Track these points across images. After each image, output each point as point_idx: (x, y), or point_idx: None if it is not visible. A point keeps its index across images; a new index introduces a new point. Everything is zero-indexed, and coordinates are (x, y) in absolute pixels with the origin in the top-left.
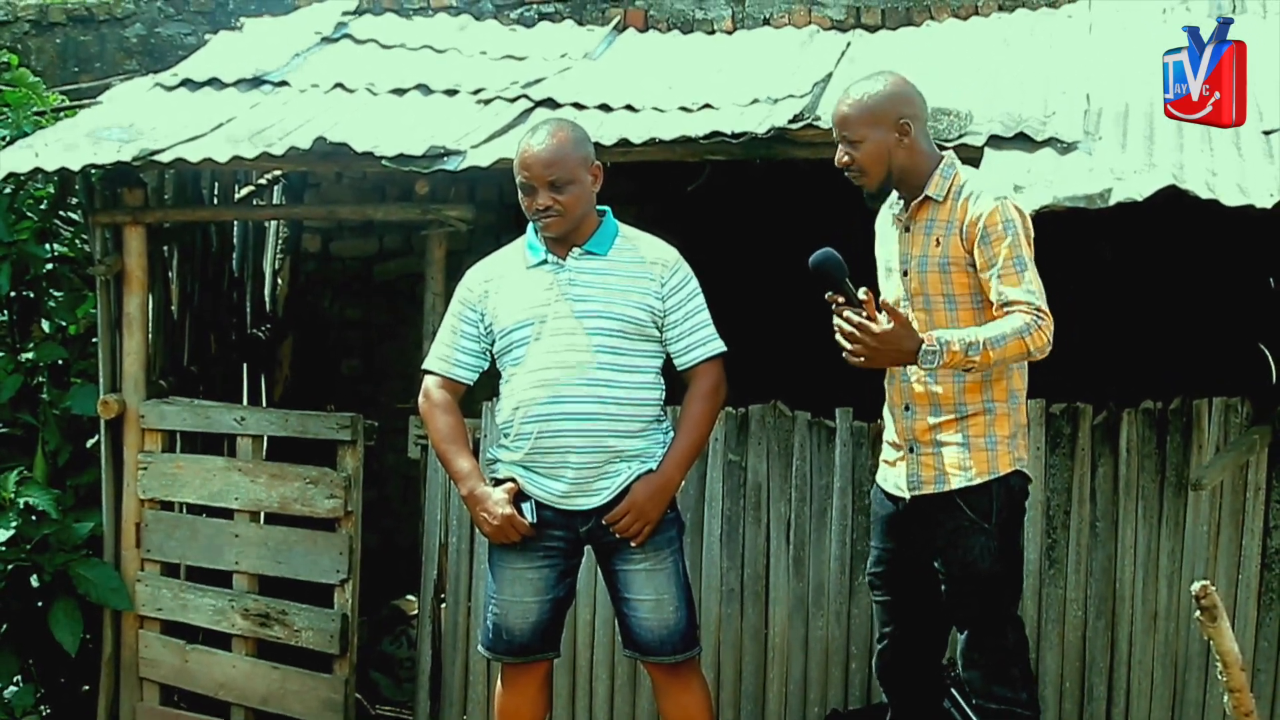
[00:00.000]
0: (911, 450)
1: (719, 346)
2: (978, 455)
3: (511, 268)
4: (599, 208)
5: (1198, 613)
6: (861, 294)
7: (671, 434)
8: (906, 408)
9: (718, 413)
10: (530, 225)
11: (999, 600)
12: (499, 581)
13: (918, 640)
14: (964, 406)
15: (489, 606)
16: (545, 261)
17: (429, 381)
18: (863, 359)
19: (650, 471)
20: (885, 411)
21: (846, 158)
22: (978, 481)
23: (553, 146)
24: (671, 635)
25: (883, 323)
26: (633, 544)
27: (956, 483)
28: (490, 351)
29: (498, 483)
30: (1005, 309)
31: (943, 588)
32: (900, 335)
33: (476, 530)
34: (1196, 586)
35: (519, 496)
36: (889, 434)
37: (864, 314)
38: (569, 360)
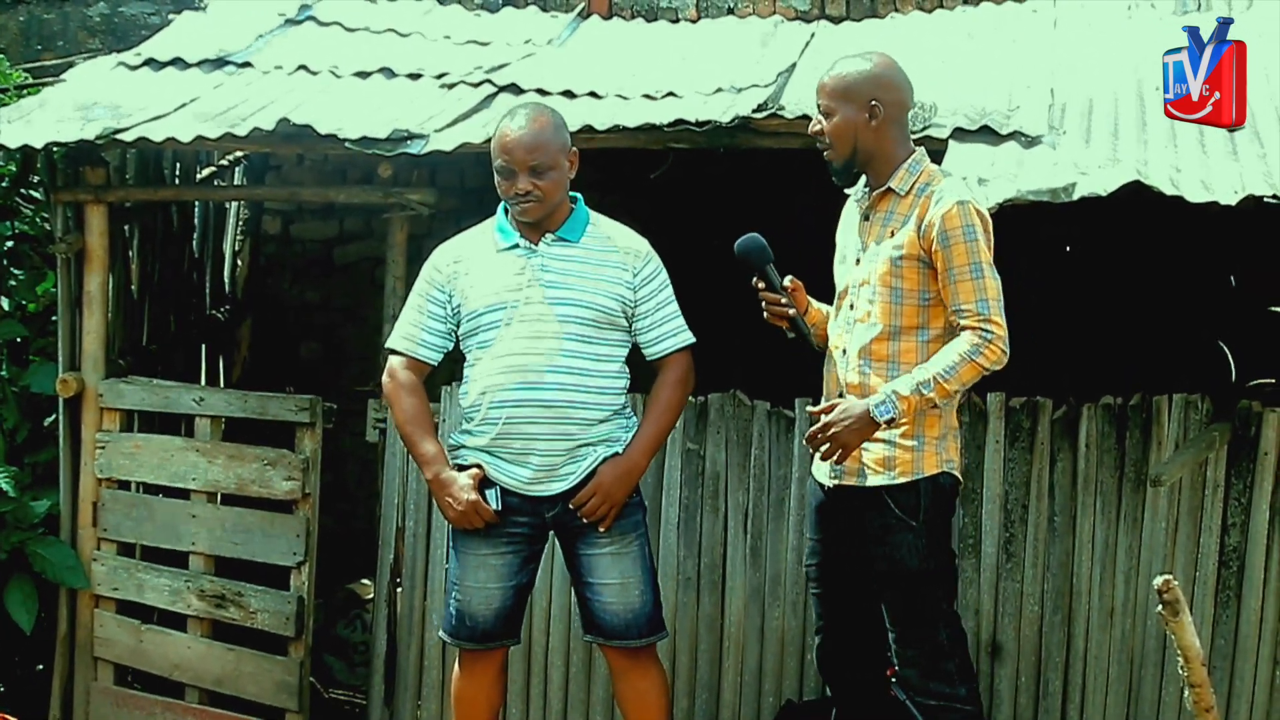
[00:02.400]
0: None
1: (688, 338)
2: (903, 454)
3: (481, 249)
4: (571, 195)
5: (1159, 607)
6: (787, 281)
7: (636, 421)
8: (841, 395)
9: (684, 401)
10: (501, 207)
11: (929, 597)
12: (463, 567)
13: (855, 633)
14: None
15: (452, 592)
16: (517, 246)
17: (393, 361)
18: (838, 449)
19: (616, 455)
20: (822, 399)
21: (818, 126)
22: (900, 481)
23: (534, 131)
24: (637, 619)
25: (834, 411)
26: (600, 528)
27: (879, 480)
28: (455, 333)
29: (461, 468)
30: (956, 315)
31: (873, 584)
32: (845, 409)
33: (435, 515)
34: (1159, 581)
35: (484, 483)
36: None
37: (786, 301)
38: (538, 347)
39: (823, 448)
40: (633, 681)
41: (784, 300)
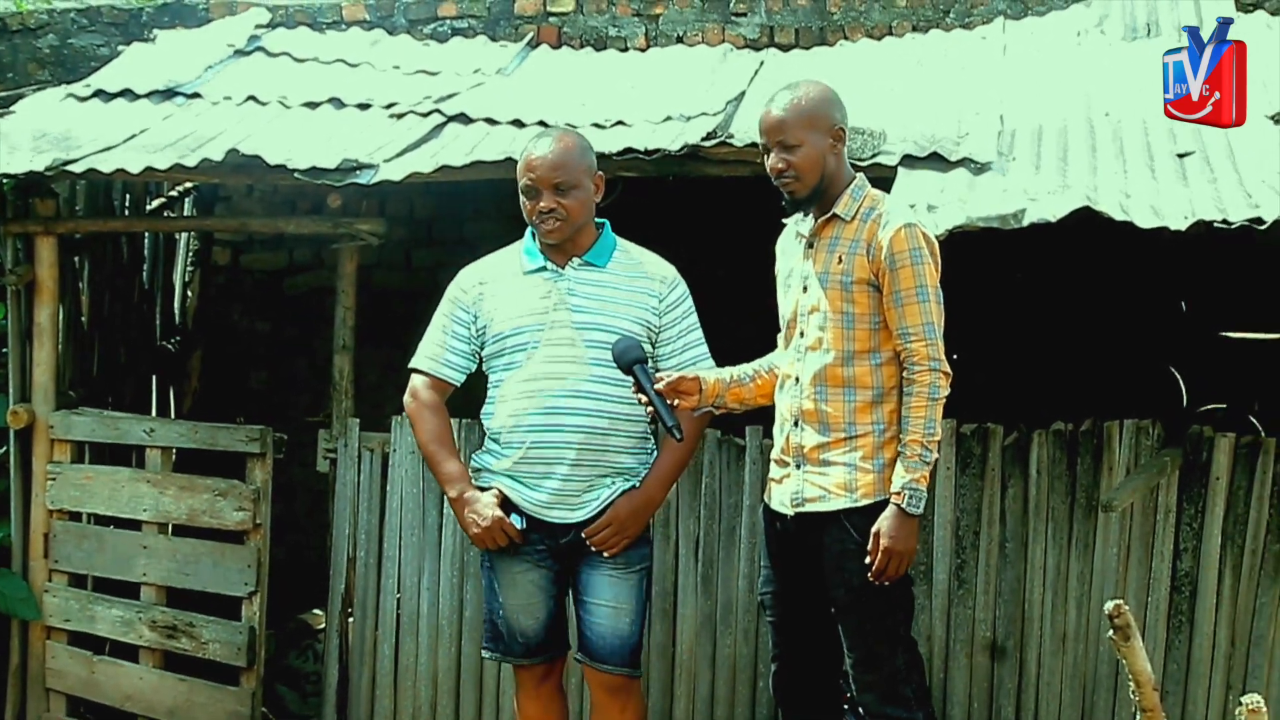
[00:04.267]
0: (798, 467)
1: (710, 364)
2: (864, 477)
3: (507, 271)
4: (598, 220)
5: (1111, 632)
6: (663, 384)
7: (656, 452)
8: (796, 423)
9: (701, 433)
10: (528, 231)
11: (888, 622)
12: (502, 587)
13: (811, 660)
14: (853, 427)
15: (495, 614)
16: (544, 269)
17: (416, 381)
18: (903, 558)
19: (633, 489)
20: (774, 428)
21: (782, 163)
22: (863, 503)
23: (559, 150)
24: (623, 645)
25: (881, 539)
26: (605, 554)
27: (840, 503)
28: (479, 353)
29: (482, 490)
30: (901, 338)
31: (832, 609)
32: (886, 531)
33: (386, 544)
34: (1110, 606)
35: (505, 503)
36: (776, 451)
37: (645, 400)
38: (564, 371)
39: (891, 571)
40: (611, 717)
41: (643, 399)
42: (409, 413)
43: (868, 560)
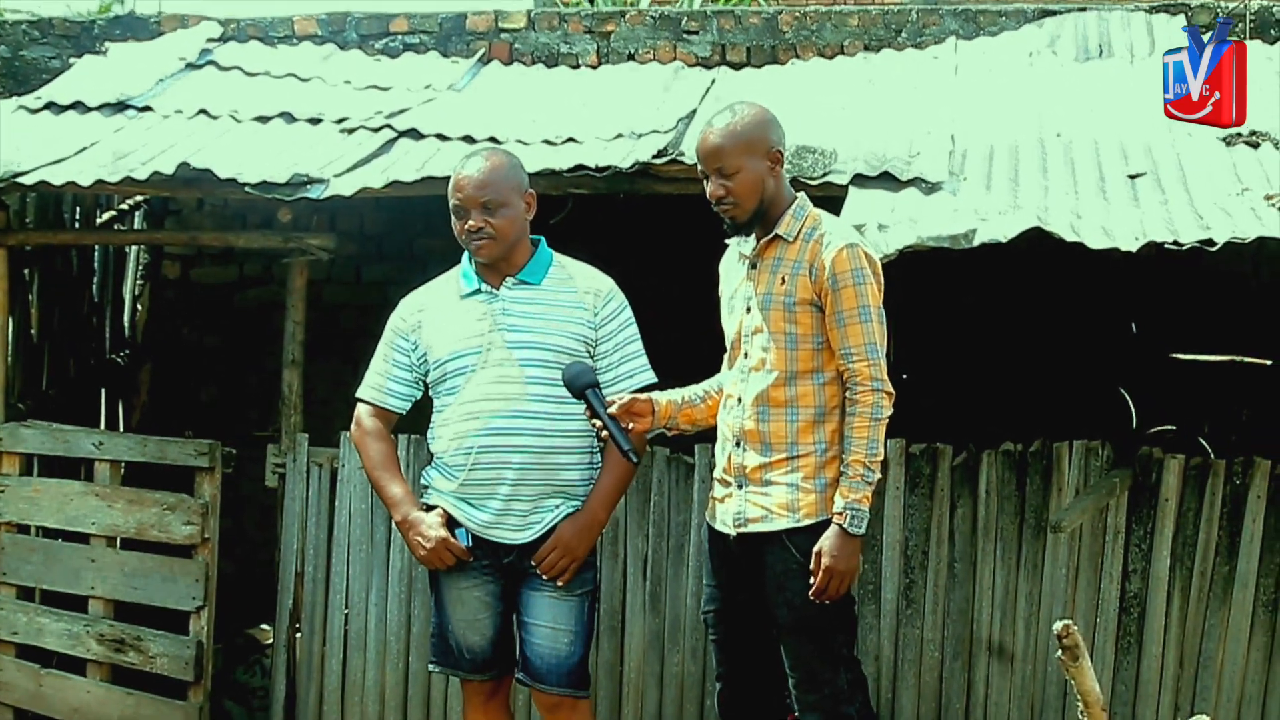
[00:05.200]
0: (740, 487)
1: (649, 378)
2: (806, 497)
3: (444, 297)
4: (533, 237)
5: (1059, 652)
6: (616, 408)
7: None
8: (738, 443)
9: (644, 447)
10: (464, 255)
11: (830, 642)
12: (449, 603)
13: (755, 679)
14: (795, 446)
15: (445, 629)
16: (479, 291)
17: (361, 410)
18: (845, 577)
19: (576, 511)
20: (716, 447)
21: (721, 190)
22: (805, 523)
23: (486, 170)
24: (560, 665)
25: (823, 558)
26: (559, 582)
27: (783, 523)
28: (424, 381)
29: (428, 508)
30: (844, 358)
31: (774, 629)
32: (828, 550)
33: (334, 560)
34: (1059, 626)
35: (450, 522)
36: (718, 470)
37: (599, 425)
38: (502, 392)
39: (830, 591)
40: None
41: (596, 424)
42: (354, 441)
43: (810, 580)
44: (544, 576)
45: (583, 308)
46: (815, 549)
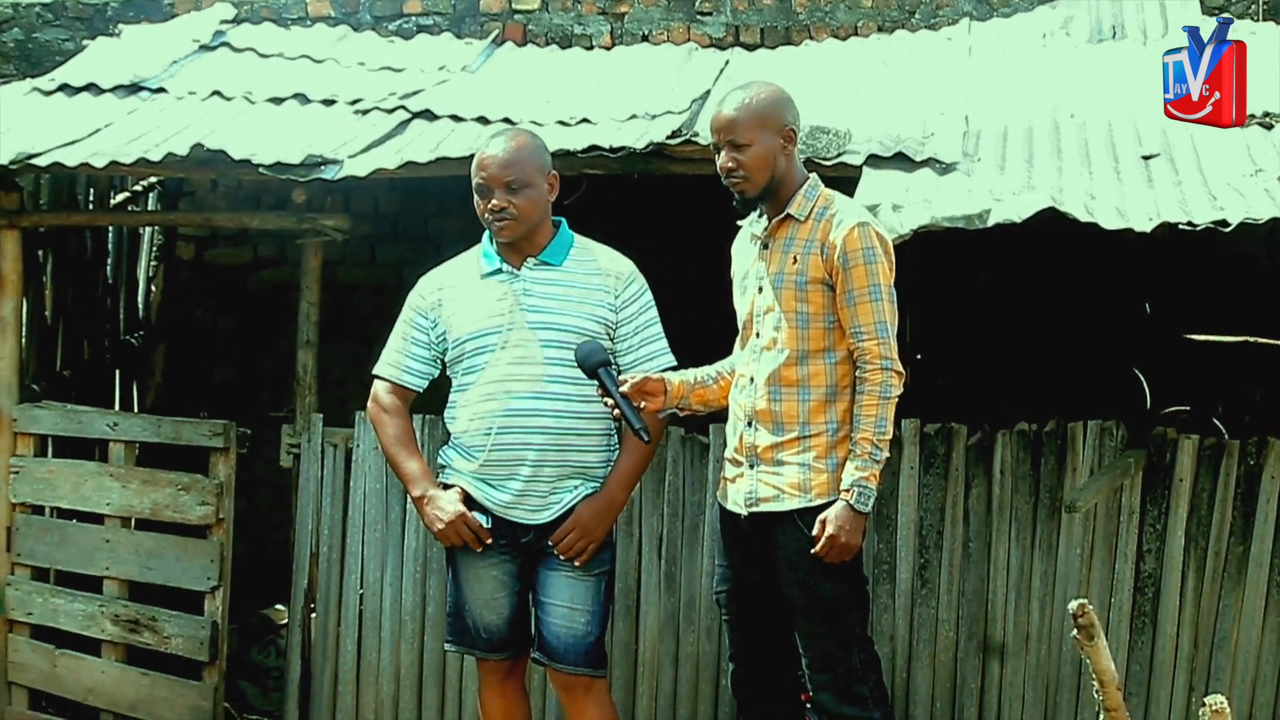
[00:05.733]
0: (752, 466)
1: (669, 361)
2: (818, 476)
3: (465, 276)
4: (554, 218)
5: (1075, 631)
6: (627, 386)
7: (619, 450)
8: (750, 423)
9: (664, 431)
10: (485, 234)
11: (844, 622)
12: (466, 582)
13: (768, 659)
14: (807, 426)
15: (462, 608)
16: (499, 271)
17: (378, 386)
18: (846, 549)
19: (595, 492)
20: (728, 427)
21: (731, 163)
22: (817, 503)
23: (511, 149)
24: (577, 645)
25: (829, 525)
26: (576, 563)
27: (794, 503)
28: (441, 359)
29: (446, 487)
30: (854, 337)
31: (787, 609)
32: (835, 520)
33: (349, 540)
34: (1074, 605)
35: (468, 501)
36: (729, 450)
37: (611, 404)
38: (523, 373)
39: (834, 556)
40: (573, 718)
41: (608, 402)
42: (371, 417)
43: (813, 549)
44: (562, 557)
45: (604, 290)
46: (820, 518)
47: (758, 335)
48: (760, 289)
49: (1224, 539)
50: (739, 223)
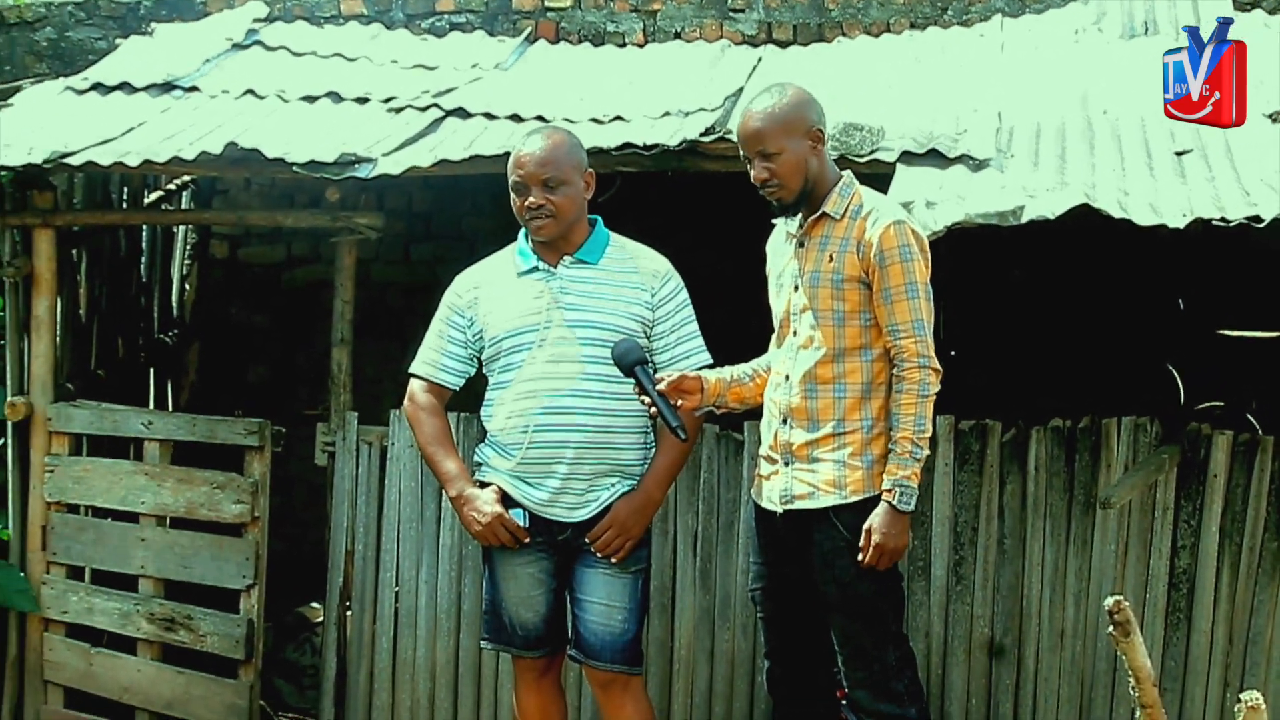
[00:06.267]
0: (787, 464)
1: (705, 359)
2: (853, 474)
3: (501, 274)
4: (590, 216)
5: (1111, 628)
6: (665, 384)
7: (655, 448)
8: (785, 420)
9: (700, 429)
10: (521, 232)
11: (879, 618)
12: (502, 579)
13: (804, 656)
14: (842, 423)
15: (499, 606)
16: (536, 269)
17: (414, 385)
18: (894, 553)
19: (631, 490)
20: (762, 424)
21: (765, 173)
22: (852, 500)
23: (548, 147)
24: (615, 642)
25: (873, 535)
26: (613, 560)
27: (830, 500)
28: (478, 358)
29: (483, 485)
30: (891, 334)
31: (822, 606)
32: (878, 526)
33: (384, 538)
34: (1110, 601)
35: (506, 500)
36: (764, 448)
37: (648, 402)
38: (561, 371)
39: (880, 560)
40: (609, 715)
41: (645, 400)
42: (408, 416)
43: (860, 557)
44: (599, 555)
45: (640, 288)
46: (865, 526)
47: (794, 333)
48: (796, 287)
49: (1258, 534)
50: (774, 220)
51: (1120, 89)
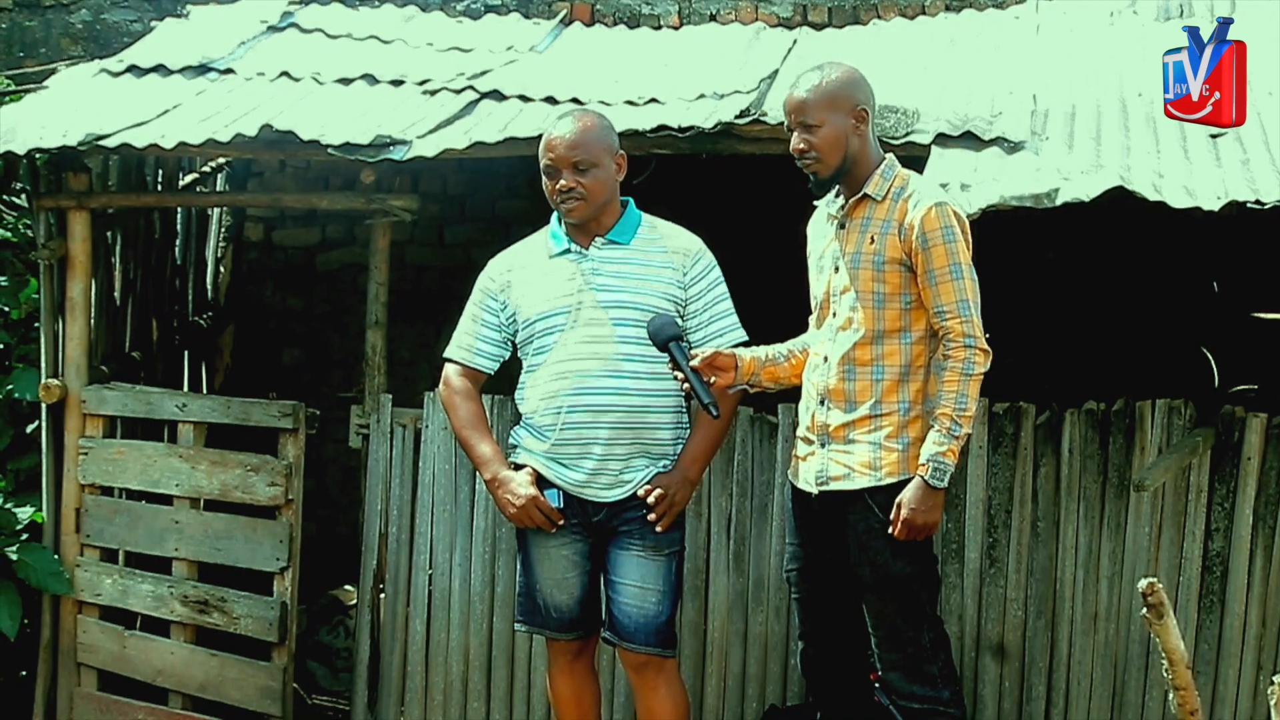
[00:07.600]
0: (823, 445)
1: (739, 336)
2: (889, 455)
3: (534, 257)
4: (622, 198)
5: (1144, 610)
6: (698, 360)
7: (690, 429)
8: (822, 401)
9: (735, 410)
10: (554, 215)
11: (913, 601)
12: (537, 561)
13: (837, 636)
14: (879, 405)
15: (533, 588)
16: (568, 251)
17: (449, 369)
18: (924, 528)
19: (667, 469)
20: (800, 405)
21: (803, 144)
22: (887, 482)
23: (578, 130)
24: (648, 624)
25: (904, 509)
26: (658, 528)
27: (864, 481)
28: (512, 341)
29: (517, 467)
30: (937, 316)
31: (857, 587)
32: (910, 501)
33: (418, 520)
34: (1144, 584)
35: (541, 482)
36: (802, 429)
37: (681, 378)
38: (596, 352)
39: (908, 534)
40: (644, 698)
41: (679, 376)
42: (443, 400)
43: (889, 530)
44: (649, 516)
45: (672, 267)
46: (897, 500)
47: (834, 314)
48: (836, 269)
49: None
50: (815, 202)
51: (1155, 71)
